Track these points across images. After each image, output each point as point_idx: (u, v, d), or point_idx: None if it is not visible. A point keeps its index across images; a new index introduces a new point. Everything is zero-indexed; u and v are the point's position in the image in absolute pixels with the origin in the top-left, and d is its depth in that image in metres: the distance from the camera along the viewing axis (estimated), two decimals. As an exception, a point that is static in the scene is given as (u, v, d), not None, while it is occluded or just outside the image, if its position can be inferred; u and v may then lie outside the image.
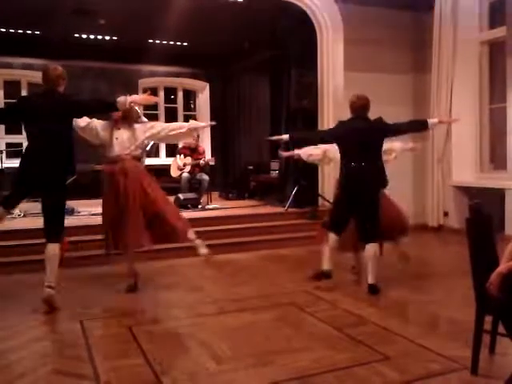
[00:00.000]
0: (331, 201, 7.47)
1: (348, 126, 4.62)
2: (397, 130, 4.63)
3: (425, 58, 7.94)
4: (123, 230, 4.41)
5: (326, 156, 5.33)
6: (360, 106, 4.57)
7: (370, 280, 4.47)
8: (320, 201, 7.83)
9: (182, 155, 8.70)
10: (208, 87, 12.06)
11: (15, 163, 10.27)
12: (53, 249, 4.10)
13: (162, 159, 11.62)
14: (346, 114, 4.83)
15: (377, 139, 4.54)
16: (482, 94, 7.49)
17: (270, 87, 10.21)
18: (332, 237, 4.58)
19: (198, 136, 9.06)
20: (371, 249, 4.48)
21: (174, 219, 4.53)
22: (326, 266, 4.62)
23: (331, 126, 4.76)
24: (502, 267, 2.58)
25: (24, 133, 4.30)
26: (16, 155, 10.07)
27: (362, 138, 4.49)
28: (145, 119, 4.93)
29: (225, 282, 5.08)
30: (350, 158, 4.54)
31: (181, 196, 7.87)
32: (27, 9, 7.85)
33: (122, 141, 4.57)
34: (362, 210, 4.47)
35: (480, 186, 7.15)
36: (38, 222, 5.49)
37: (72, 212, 7.24)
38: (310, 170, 7.61)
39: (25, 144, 10.55)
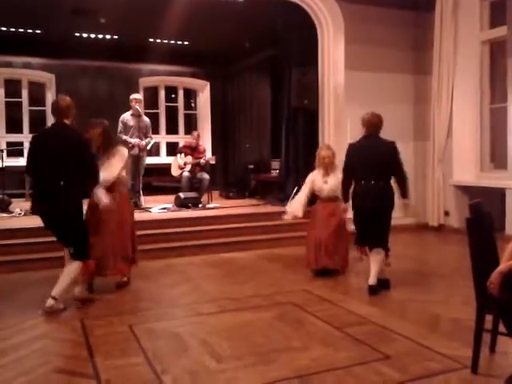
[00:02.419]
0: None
1: (359, 147, 4.68)
2: (396, 171, 4.65)
3: (426, 57, 7.94)
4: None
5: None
6: (373, 124, 4.61)
7: (371, 281, 4.49)
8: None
9: (183, 154, 8.70)
10: (209, 86, 12.06)
11: (16, 162, 10.27)
12: (73, 264, 4.12)
13: (163, 158, 11.62)
14: (347, 114, 4.83)
15: (387, 158, 4.60)
16: (482, 93, 7.49)
17: (271, 86, 10.22)
18: (367, 249, 4.70)
19: (199, 135, 9.07)
20: (375, 253, 4.57)
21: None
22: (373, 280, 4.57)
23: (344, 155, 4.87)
24: (503, 266, 2.58)
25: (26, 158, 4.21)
26: (17, 154, 10.10)
27: (374, 156, 4.56)
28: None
29: (225, 280, 5.08)
30: (361, 177, 4.62)
31: (181, 195, 7.88)
32: (28, 8, 7.85)
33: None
34: (375, 222, 4.57)
35: (480, 185, 7.15)
36: (38, 221, 5.50)
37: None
38: (310, 170, 7.59)
39: (26, 144, 10.60)
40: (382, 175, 4.56)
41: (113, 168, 4.53)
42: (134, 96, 7.81)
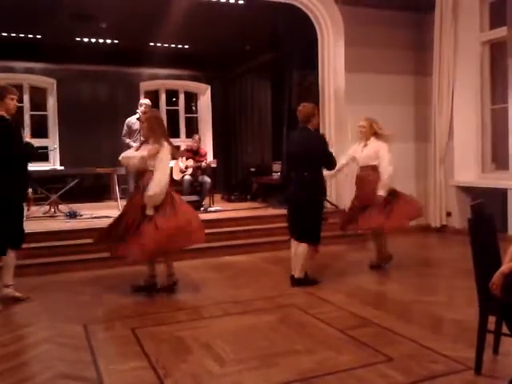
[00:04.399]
0: (334, 203, 7.51)
1: (293, 139, 4.80)
2: (324, 161, 4.78)
3: (426, 58, 7.94)
4: None
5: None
6: (305, 116, 4.67)
7: (295, 274, 4.79)
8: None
9: (184, 158, 8.70)
10: (209, 89, 12.08)
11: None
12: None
13: (164, 162, 11.60)
14: (347, 116, 4.84)
15: (316, 151, 4.67)
16: (483, 94, 7.48)
17: (272, 89, 10.23)
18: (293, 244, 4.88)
19: (200, 138, 9.08)
20: (300, 247, 4.76)
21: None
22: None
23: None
24: (505, 267, 2.57)
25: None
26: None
27: (303, 149, 4.63)
28: None
29: (227, 284, 5.08)
30: (293, 169, 4.76)
31: (183, 198, 7.86)
32: (28, 13, 7.88)
33: None
34: (299, 214, 4.73)
35: (482, 185, 7.14)
36: (41, 226, 5.51)
37: (75, 215, 7.26)
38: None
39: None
40: (307, 167, 4.62)
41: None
42: (144, 101, 7.86)
